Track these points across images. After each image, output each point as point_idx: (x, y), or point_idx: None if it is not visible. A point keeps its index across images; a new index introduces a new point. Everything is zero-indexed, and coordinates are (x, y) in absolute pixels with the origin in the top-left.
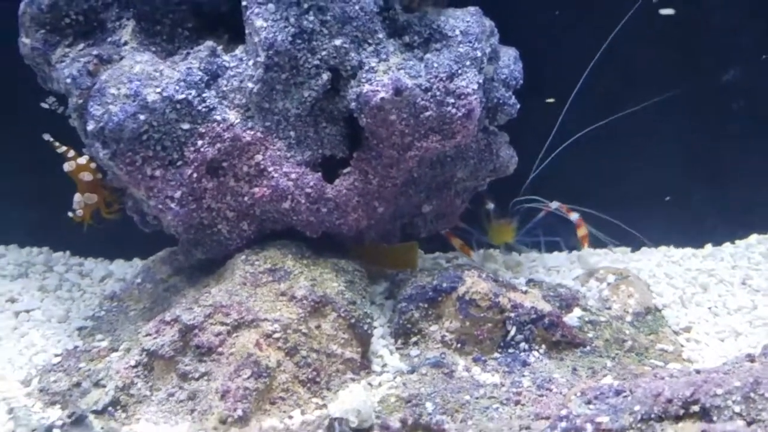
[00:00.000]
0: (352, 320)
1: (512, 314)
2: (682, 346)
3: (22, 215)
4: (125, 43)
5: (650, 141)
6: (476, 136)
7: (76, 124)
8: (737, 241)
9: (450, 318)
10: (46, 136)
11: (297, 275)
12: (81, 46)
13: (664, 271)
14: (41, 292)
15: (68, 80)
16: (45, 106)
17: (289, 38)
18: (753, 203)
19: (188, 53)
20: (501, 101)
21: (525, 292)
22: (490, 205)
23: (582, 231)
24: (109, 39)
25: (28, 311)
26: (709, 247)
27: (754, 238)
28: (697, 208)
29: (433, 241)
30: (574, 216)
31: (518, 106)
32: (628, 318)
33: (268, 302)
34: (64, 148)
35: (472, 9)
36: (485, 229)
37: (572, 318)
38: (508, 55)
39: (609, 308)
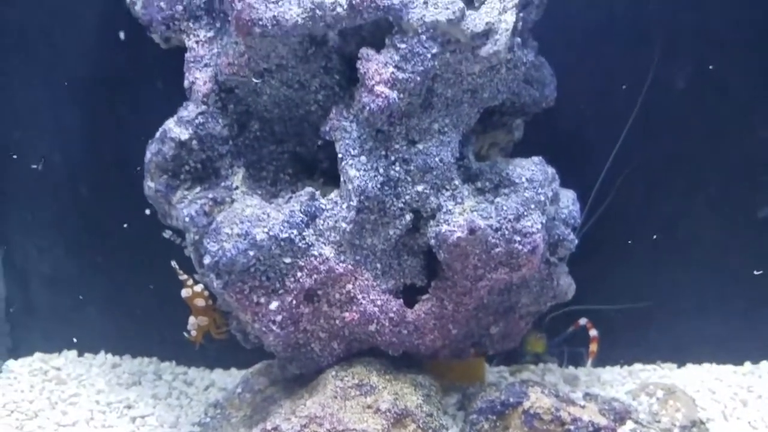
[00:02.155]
0: (429, 431)
1: (572, 427)
2: None
3: (136, 328)
4: (236, 188)
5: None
6: (539, 268)
7: (192, 256)
8: None
9: (516, 429)
10: (173, 263)
11: (381, 390)
12: (198, 189)
13: (708, 387)
14: (154, 399)
15: (187, 219)
16: (165, 236)
17: (378, 185)
18: None
19: (291, 197)
20: (561, 237)
21: (583, 407)
22: None
23: (594, 347)
24: (222, 184)
25: (143, 417)
26: (748, 364)
27: None
28: (736, 326)
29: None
30: (593, 332)
31: (576, 242)
32: (676, 431)
33: (356, 414)
34: (185, 276)
35: (536, 159)
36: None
37: (625, 430)
38: (567, 196)
39: (658, 421)
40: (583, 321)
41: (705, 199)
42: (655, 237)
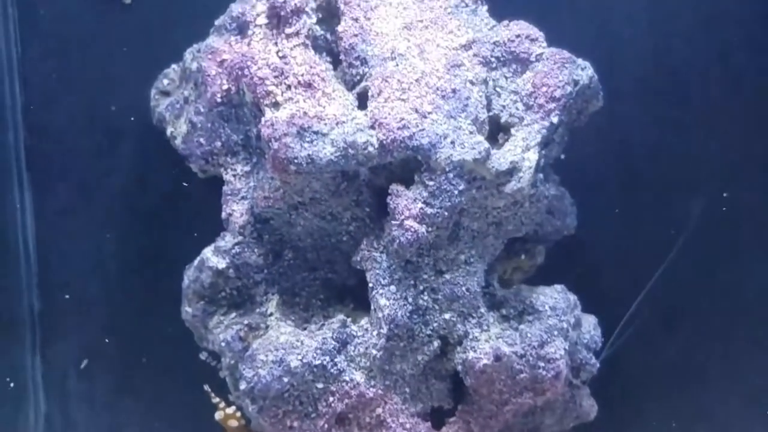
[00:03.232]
0: None
1: None
2: None
3: None
4: (270, 314)
5: None
6: (563, 391)
7: (228, 380)
8: None
9: None
10: (206, 387)
11: None
12: (233, 315)
13: None
14: None
15: (222, 344)
16: (202, 357)
17: (407, 314)
18: None
19: (323, 324)
20: (583, 362)
21: None
22: None
23: None
24: (257, 310)
25: None
26: None
27: None
28: None
29: None
30: None
31: (598, 365)
32: None
33: None
34: (218, 399)
35: (558, 287)
36: None
37: None
38: (589, 322)
39: None
40: None
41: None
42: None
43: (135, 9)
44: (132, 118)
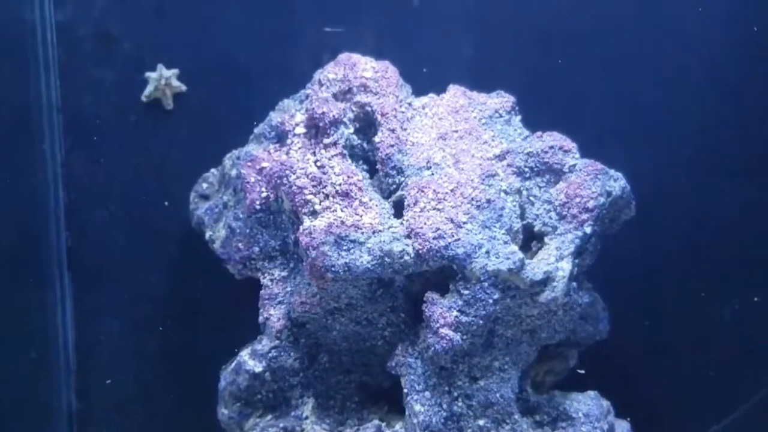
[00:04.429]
0: None
1: None
2: None
3: None
4: (306, 417)
5: None
6: None
7: None
8: None
9: None
10: None
11: None
12: (269, 417)
13: None
14: None
15: None
16: None
17: (442, 420)
18: None
19: (358, 428)
20: None
21: None
22: None
23: None
24: (293, 413)
25: None
26: None
27: None
28: None
29: None
30: None
31: None
32: None
33: None
34: None
35: (591, 393)
36: None
37: None
38: (622, 427)
39: None
40: None
41: None
42: None
43: (175, 114)
44: (172, 221)
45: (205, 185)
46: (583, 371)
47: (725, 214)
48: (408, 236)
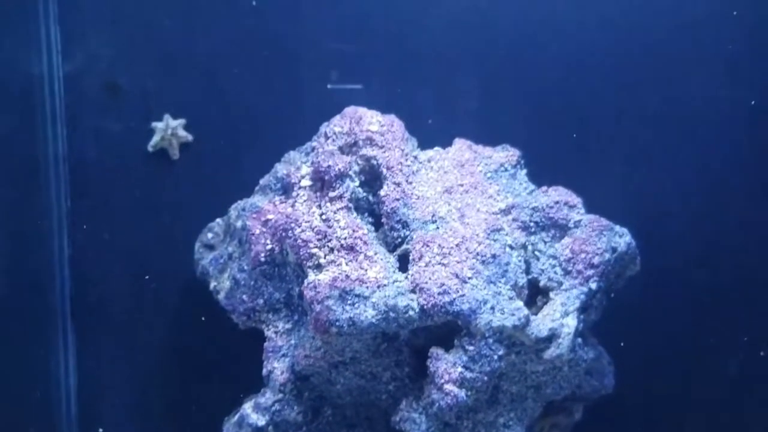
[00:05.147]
0: None
1: None
2: None
3: None
4: None
5: None
6: None
7: None
8: None
9: None
10: None
11: None
12: None
13: None
14: None
15: None
16: None
17: None
18: None
19: None
20: None
21: None
22: None
23: None
24: None
25: None
26: None
27: None
28: None
29: None
30: None
31: None
32: None
33: None
34: None
35: None
36: None
37: None
38: None
39: None
40: None
41: None
42: None
43: (181, 164)
44: (176, 271)
45: (210, 235)
46: None
47: (730, 265)
48: (413, 291)
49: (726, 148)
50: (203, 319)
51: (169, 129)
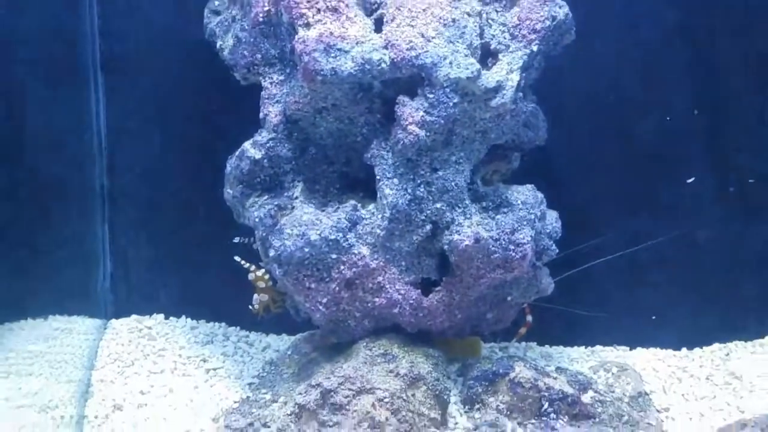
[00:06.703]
0: (437, 391)
1: (546, 393)
2: (662, 421)
3: (211, 299)
4: (296, 197)
5: None
6: (528, 270)
7: (259, 249)
8: (704, 347)
9: (503, 394)
10: (237, 258)
11: (400, 358)
12: (266, 197)
13: (652, 366)
14: (223, 355)
15: (256, 219)
16: (236, 241)
17: (407, 202)
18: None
19: (338, 207)
20: (545, 248)
21: (555, 378)
22: None
23: (523, 330)
24: (285, 194)
25: (215, 369)
26: (684, 350)
27: (716, 346)
28: (676, 319)
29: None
30: (529, 318)
31: (557, 251)
32: (626, 399)
33: (381, 376)
34: (248, 264)
35: (529, 186)
36: None
37: (587, 397)
38: (551, 215)
39: (613, 392)
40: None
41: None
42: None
43: None
44: (188, 34)
45: (216, 2)
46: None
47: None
48: (385, 47)
49: None
50: (210, 79)
51: None
